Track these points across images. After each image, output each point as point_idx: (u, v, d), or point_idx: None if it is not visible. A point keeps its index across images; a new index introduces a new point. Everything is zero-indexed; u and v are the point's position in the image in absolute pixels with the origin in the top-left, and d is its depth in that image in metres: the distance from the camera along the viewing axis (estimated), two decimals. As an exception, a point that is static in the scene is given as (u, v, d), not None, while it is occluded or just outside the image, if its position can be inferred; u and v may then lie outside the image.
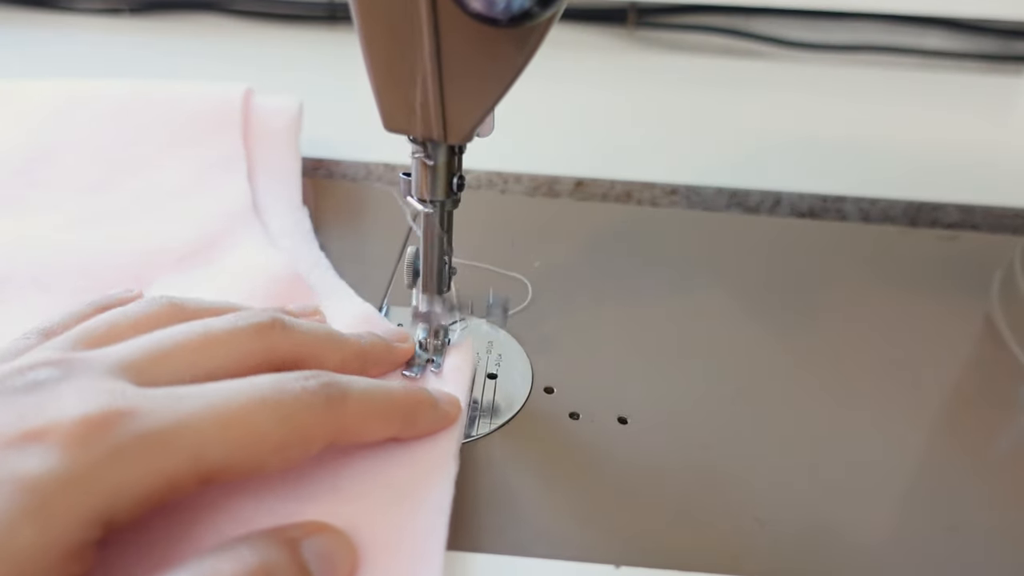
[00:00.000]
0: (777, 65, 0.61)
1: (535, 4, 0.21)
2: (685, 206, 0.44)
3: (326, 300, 0.33)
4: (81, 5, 0.65)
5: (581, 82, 0.57)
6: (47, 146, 0.38)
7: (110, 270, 0.33)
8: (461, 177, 0.27)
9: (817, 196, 0.44)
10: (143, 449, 0.19)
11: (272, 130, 0.40)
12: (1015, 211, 0.43)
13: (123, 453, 0.19)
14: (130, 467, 0.19)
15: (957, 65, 0.62)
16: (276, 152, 0.40)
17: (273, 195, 0.39)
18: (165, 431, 0.20)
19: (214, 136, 0.39)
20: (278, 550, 0.21)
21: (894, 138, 0.51)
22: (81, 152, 0.38)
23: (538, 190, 0.44)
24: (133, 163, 0.38)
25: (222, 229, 0.36)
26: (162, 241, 0.35)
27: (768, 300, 0.36)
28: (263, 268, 0.33)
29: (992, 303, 0.36)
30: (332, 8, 0.64)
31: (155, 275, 0.33)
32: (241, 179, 0.38)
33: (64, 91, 0.40)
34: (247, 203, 0.37)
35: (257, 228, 0.36)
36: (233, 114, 0.40)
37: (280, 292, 0.32)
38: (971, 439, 0.30)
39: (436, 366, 0.30)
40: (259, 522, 0.22)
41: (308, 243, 0.37)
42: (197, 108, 0.40)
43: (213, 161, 0.38)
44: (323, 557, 0.21)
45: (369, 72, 0.24)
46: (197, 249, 0.35)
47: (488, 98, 0.24)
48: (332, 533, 0.22)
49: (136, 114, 0.39)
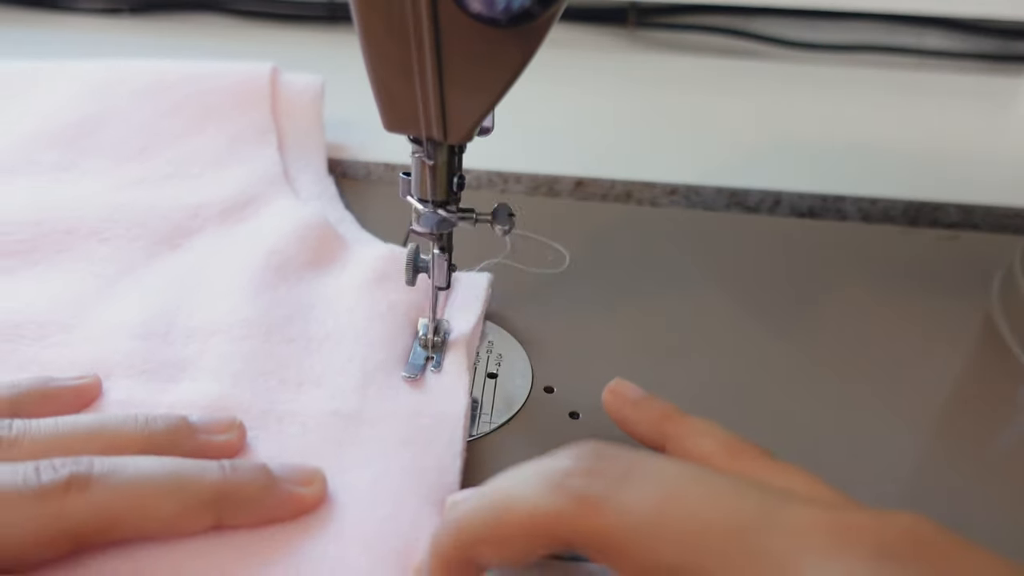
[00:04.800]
0: (777, 65, 0.61)
1: (535, 4, 0.21)
2: (685, 206, 0.44)
3: (353, 246, 0.36)
4: (81, 5, 0.65)
5: (581, 82, 0.57)
6: (93, 118, 0.41)
7: (160, 221, 0.36)
8: (461, 177, 0.28)
9: (817, 196, 0.44)
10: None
11: (298, 105, 0.43)
12: (1015, 211, 0.43)
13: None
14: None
15: (957, 65, 0.62)
16: (302, 125, 0.43)
17: (301, 164, 0.41)
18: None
19: (245, 110, 0.42)
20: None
21: (894, 138, 0.51)
22: (123, 124, 0.41)
23: (538, 190, 0.44)
24: (170, 134, 0.41)
25: (256, 191, 0.38)
26: (204, 198, 0.38)
27: (768, 300, 0.36)
28: (296, 218, 0.36)
29: (992, 303, 0.36)
30: (332, 8, 0.64)
31: (200, 226, 0.36)
32: (272, 149, 0.41)
33: (103, 70, 0.43)
34: (278, 170, 0.40)
35: (288, 191, 0.39)
36: (262, 90, 0.42)
37: (311, 238, 0.35)
38: (971, 439, 0.30)
39: (436, 365, 0.30)
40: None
41: (335, 204, 0.40)
42: (228, 84, 0.43)
43: (245, 133, 0.41)
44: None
45: (369, 72, 0.24)
46: (235, 205, 0.38)
47: (488, 98, 0.24)
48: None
49: (171, 89, 0.42)
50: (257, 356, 0.29)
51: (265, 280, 0.33)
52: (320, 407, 0.28)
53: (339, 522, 0.24)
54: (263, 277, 0.33)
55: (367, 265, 0.34)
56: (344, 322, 0.31)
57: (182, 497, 0.22)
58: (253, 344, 0.30)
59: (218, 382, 0.28)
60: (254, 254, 0.34)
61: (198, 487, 0.22)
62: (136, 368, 0.29)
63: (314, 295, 0.33)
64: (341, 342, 0.30)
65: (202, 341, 0.30)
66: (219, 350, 0.29)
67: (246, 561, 0.22)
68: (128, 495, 0.21)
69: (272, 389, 0.28)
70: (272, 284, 0.33)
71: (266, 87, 0.43)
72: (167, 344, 0.30)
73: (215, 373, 0.29)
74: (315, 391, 0.28)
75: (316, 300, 0.33)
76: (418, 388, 0.29)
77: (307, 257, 0.34)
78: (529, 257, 0.37)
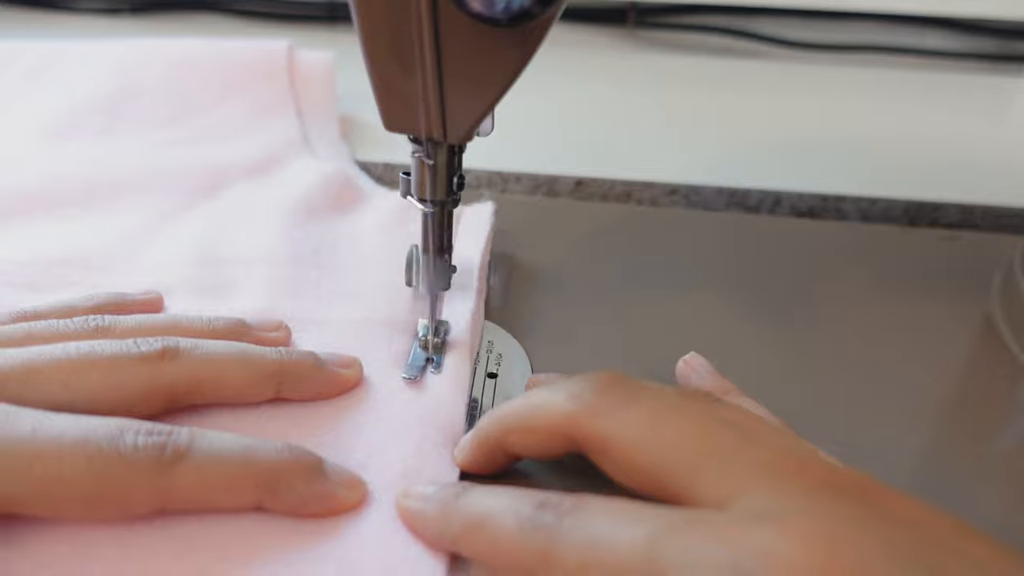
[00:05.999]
0: (777, 65, 0.61)
1: (535, 4, 0.21)
2: (685, 206, 0.44)
3: (370, 195, 0.40)
4: (81, 5, 0.65)
5: (581, 82, 0.57)
6: (130, 90, 0.45)
7: (195, 176, 0.40)
8: (461, 177, 0.27)
9: (817, 196, 0.44)
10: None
11: (312, 79, 0.47)
12: (1015, 211, 0.43)
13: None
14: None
15: (957, 65, 0.62)
16: (317, 97, 0.47)
17: (317, 131, 0.45)
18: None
19: (266, 82, 0.46)
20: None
21: (894, 138, 0.51)
22: (157, 95, 0.45)
23: (538, 190, 0.44)
24: (197, 105, 0.45)
25: (280, 153, 0.43)
26: (232, 158, 0.41)
27: (768, 300, 0.36)
28: (318, 170, 0.41)
29: (992, 303, 0.36)
30: (332, 8, 0.64)
31: (231, 181, 0.40)
32: (291, 117, 0.45)
33: (137, 47, 0.48)
34: (298, 136, 0.44)
35: (308, 152, 0.43)
36: (280, 63, 0.47)
37: (333, 187, 0.40)
38: (971, 439, 0.30)
39: (435, 366, 0.30)
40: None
41: (350, 164, 0.44)
42: (249, 59, 0.47)
43: (266, 103, 0.45)
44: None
45: (369, 72, 0.24)
46: (261, 164, 0.42)
47: (488, 98, 0.24)
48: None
49: (198, 64, 0.47)
50: (294, 278, 0.34)
51: (295, 220, 0.37)
52: (352, 315, 0.32)
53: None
54: (293, 218, 0.37)
55: (384, 210, 0.39)
56: (367, 253, 0.36)
57: (250, 370, 0.26)
58: (289, 269, 0.34)
59: (263, 298, 0.32)
60: (283, 199, 0.38)
61: (262, 363, 0.26)
62: (190, 289, 0.33)
63: (338, 232, 0.37)
64: (366, 267, 0.35)
65: (245, 267, 0.34)
66: (260, 273, 0.34)
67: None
68: (208, 365, 0.25)
69: (309, 303, 0.32)
70: (301, 223, 0.37)
71: (283, 61, 0.47)
72: (215, 270, 0.34)
73: (259, 291, 0.33)
74: (347, 303, 0.33)
75: (340, 237, 0.37)
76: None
77: (330, 203, 0.39)
78: (525, 255, 0.37)
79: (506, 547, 0.20)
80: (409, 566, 0.22)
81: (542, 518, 0.20)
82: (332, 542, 0.22)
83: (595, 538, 0.19)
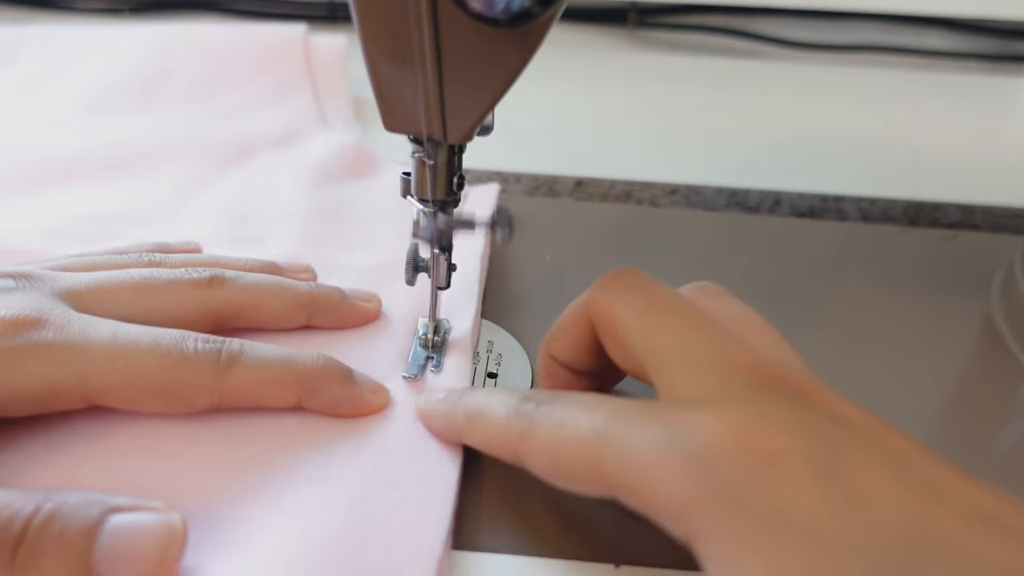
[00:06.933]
0: (777, 65, 0.61)
1: (535, 4, 0.21)
2: (685, 206, 0.44)
3: (384, 164, 0.43)
4: (81, 5, 0.65)
5: (581, 82, 0.57)
6: (159, 70, 0.49)
7: (222, 147, 0.43)
8: (461, 177, 0.28)
9: (817, 196, 0.44)
10: (35, 355, 0.23)
11: (326, 62, 0.50)
12: (1015, 211, 0.43)
13: (18, 354, 0.23)
14: (20, 367, 0.23)
15: (957, 65, 0.62)
16: (331, 78, 0.50)
17: (331, 110, 0.48)
18: (61, 346, 0.23)
19: (284, 64, 0.50)
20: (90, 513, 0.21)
21: (894, 138, 0.51)
22: (184, 75, 0.49)
23: (538, 190, 0.44)
24: (223, 83, 0.48)
25: (299, 128, 0.46)
26: (256, 132, 0.45)
27: (768, 300, 0.36)
28: (335, 141, 0.44)
29: (992, 303, 0.36)
30: (332, 8, 0.64)
31: (256, 152, 0.43)
32: (308, 97, 0.48)
33: (166, 31, 0.52)
34: (315, 113, 0.47)
35: (324, 128, 0.46)
36: (297, 45, 0.50)
37: (349, 156, 0.43)
38: (971, 439, 0.30)
39: (436, 364, 0.30)
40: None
41: (364, 139, 0.46)
42: (269, 42, 0.50)
43: (285, 82, 0.49)
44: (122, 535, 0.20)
45: (369, 72, 0.24)
46: (283, 137, 0.45)
47: (488, 98, 0.24)
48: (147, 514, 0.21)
49: (221, 47, 0.50)
50: (318, 231, 0.37)
51: (317, 182, 0.41)
52: (372, 260, 0.35)
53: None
54: (315, 180, 0.41)
55: (398, 178, 0.40)
56: (385, 209, 0.39)
57: (286, 299, 0.29)
58: (313, 224, 0.38)
59: (291, 246, 0.36)
60: (305, 166, 0.42)
61: (296, 293, 0.30)
62: (224, 240, 0.36)
63: (355, 194, 0.40)
64: (383, 222, 0.38)
65: (273, 222, 0.38)
66: (288, 227, 0.37)
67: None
68: (250, 293, 0.29)
69: (333, 251, 0.36)
70: (321, 184, 0.41)
71: (300, 44, 0.50)
72: (246, 225, 0.38)
73: (287, 241, 0.36)
74: (367, 251, 0.36)
75: (358, 197, 0.40)
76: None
77: (347, 170, 0.42)
78: (524, 255, 0.37)
79: (496, 432, 0.24)
80: (428, 456, 0.26)
81: (524, 407, 0.23)
82: (362, 437, 0.26)
83: (562, 420, 0.22)
